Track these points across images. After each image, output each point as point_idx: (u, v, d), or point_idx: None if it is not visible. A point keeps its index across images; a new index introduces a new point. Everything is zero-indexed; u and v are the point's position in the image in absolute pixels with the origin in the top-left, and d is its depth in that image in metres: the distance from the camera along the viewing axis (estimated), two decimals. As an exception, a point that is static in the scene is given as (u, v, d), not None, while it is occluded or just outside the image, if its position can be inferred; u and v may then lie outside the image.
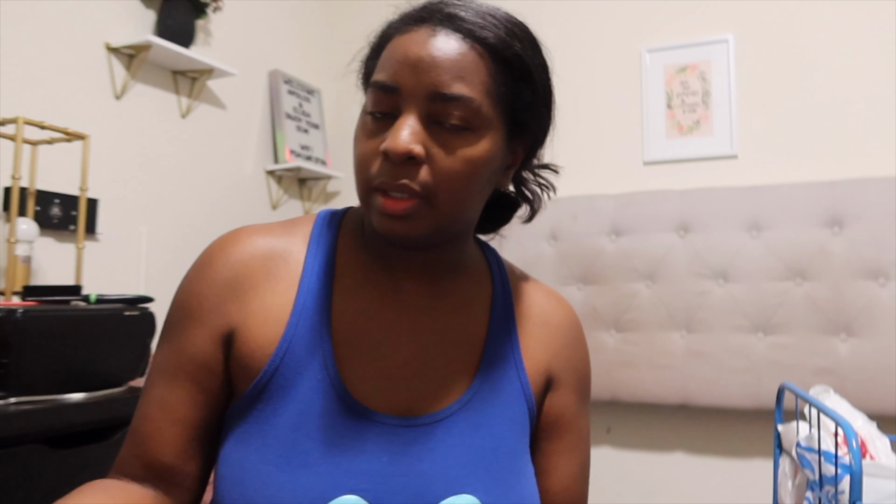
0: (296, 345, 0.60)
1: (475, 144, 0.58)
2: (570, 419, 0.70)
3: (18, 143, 1.47)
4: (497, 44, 0.58)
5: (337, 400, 0.59)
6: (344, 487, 0.56)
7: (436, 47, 0.56)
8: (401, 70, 0.57)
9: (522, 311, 0.70)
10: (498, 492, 0.60)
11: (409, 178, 0.56)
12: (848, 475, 0.84)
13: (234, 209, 2.34)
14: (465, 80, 0.56)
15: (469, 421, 0.62)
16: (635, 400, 2.15)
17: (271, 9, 2.55)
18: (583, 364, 0.73)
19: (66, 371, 1.23)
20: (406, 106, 0.57)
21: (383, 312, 0.64)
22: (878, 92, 2.06)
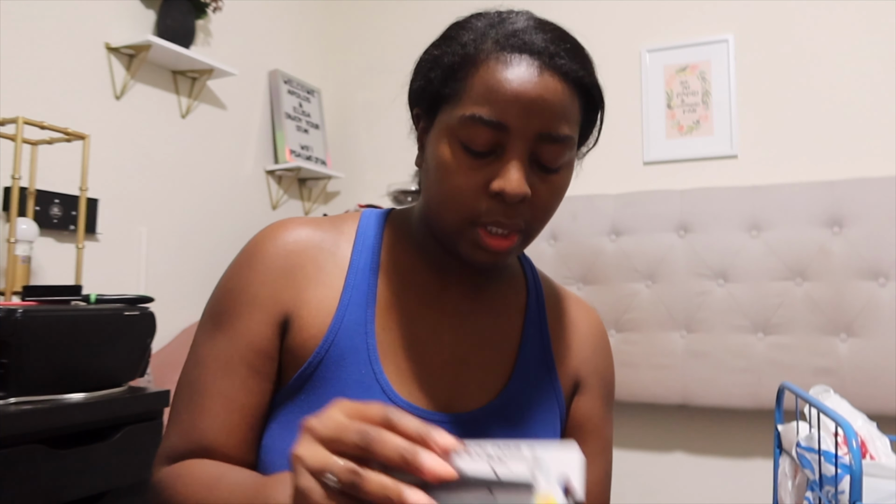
0: (341, 338, 0.62)
1: (566, 177, 0.61)
2: (597, 424, 0.72)
3: (18, 143, 1.47)
4: (585, 80, 0.59)
5: (380, 393, 0.61)
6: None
7: (545, 88, 0.56)
8: (511, 109, 0.56)
9: (554, 317, 0.72)
10: None
11: (520, 215, 0.58)
12: (848, 475, 0.84)
13: (234, 209, 2.34)
14: (568, 121, 0.58)
15: (506, 419, 0.64)
16: (635, 400, 2.15)
17: (271, 9, 2.55)
18: (608, 372, 0.75)
19: (66, 371, 1.23)
20: (514, 145, 0.57)
21: (426, 312, 0.65)
22: (878, 92, 2.06)
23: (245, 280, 0.63)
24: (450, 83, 0.59)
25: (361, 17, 2.81)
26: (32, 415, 1.13)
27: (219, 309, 0.64)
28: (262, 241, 0.65)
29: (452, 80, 0.59)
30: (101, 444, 1.25)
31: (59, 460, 1.16)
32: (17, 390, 1.15)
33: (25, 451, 1.11)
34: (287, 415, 0.61)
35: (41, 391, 1.19)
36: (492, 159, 0.57)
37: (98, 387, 1.28)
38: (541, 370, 0.68)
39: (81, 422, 1.22)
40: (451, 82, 0.59)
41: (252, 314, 0.62)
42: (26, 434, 1.12)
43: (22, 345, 1.15)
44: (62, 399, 1.21)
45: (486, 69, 0.57)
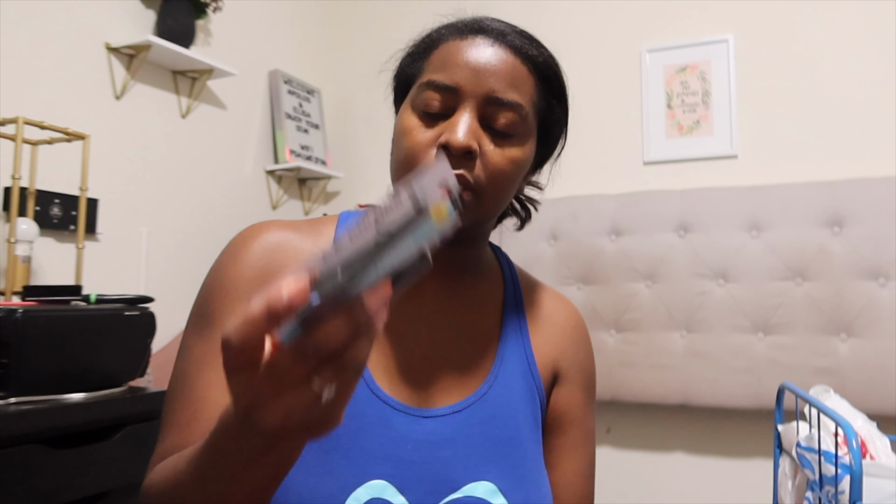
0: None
1: (518, 148, 0.63)
2: (577, 416, 0.73)
3: (18, 143, 1.47)
4: (542, 62, 0.65)
5: (364, 388, 0.62)
6: (372, 472, 0.59)
7: (495, 56, 0.62)
8: (461, 72, 0.61)
9: (531, 310, 0.73)
10: (513, 479, 0.63)
11: (465, 169, 0.60)
12: (848, 475, 0.84)
13: (234, 209, 2.34)
14: (518, 90, 0.62)
15: (486, 412, 0.65)
16: (635, 400, 2.15)
17: (271, 9, 2.55)
18: (588, 363, 0.76)
19: (66, 371, 1.23)
20: (463, 105, 0.61)
21: (404, 307, 0.66)
22: (878, 92, 2.06)
23: (228, 277, 0.64)
24: (414, 64, 0.66)
25: (361, 17, 2.81)
26: (32, 415, 1.13)
27: (204, 308, 0.64)
28: (243, 240, 0.66)
29: (417, 61, 0.66)
30: (101, 444, 1.25)
31: (59, 460, 1.16)
32: (17, 390, 1.15)
33: (25, 451, 1.11)
34: None
35: (41, 391, 1.19)
36: (440, 122, 0.62)
37: (98, 387, 1.28)
38: (520, 362, 0.69)
39: (81, 422, 1.22)
40: (415, 63, 0.66)
41: (237, 309, 0.62)
42: (26, 434, 1.12)
43: (22, 345, 1.15)
44: (62, 399, 1.21)
45: (445, 46, 0.64)
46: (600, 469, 2.54)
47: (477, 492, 0.61)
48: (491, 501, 0.61)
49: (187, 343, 0.64)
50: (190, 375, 0.62)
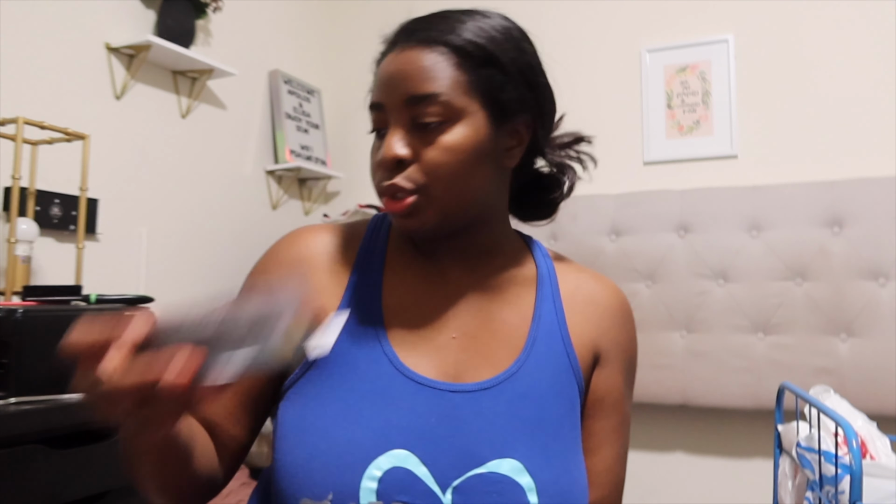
0: (350, 319, 0.67)
1: (454, 132, 0.63)
2: (617, 399, 0.72)
3: (18, 143, 1.47)
4: (453, 39, 0.64)
5: (388, 365, 0.64)
6: (395, 442, 0.60)
7: (402, 61, 0.65)
8: (380, 89, 0.66)
9: (569, 291, 0.74)
10: (541, 459, 0.63)
11: (400, 178, 0.63)
12: (848, 475, 0.84)
13: (234, 209, 2.34)
14: (431, 79, 0.63)
15: (516, 391, 0.65)
16: (635, 400, 2.13)
17: (271, 9, 2.55)
18: (631, 346, 0.75)
19: (67, 371, 1.22)
20: (391, 118, 0.65)
21: (431, 294, 0.70)
22: (878, 92, 2.06)
23: (259, 273, 0.71)
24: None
25: (361, 17, 2.81)
26: (32, 415, 1.13)
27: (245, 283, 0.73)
28: (281, 241, 0.73)
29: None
30: (101, 444, 1.24)
31: (59, 460, 1.16)
32: (17, 390, 1.15)
33: (25, 451, 1.11)
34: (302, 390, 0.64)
35: (41, 391, 1.19)
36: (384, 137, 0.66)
37: (98, 387, 1.28)
38: (555, 343, 0.69)
39: (81, 422, 1.21)
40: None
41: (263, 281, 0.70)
42: (26, 434, 1.12)
43: (22, 345, 1.15)
44: (62, 399, 1.20)
45: (378, 68, 0.69)
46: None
47: (502, 468, 0.61)
48: (515, 479, 0.61)
49: None
50: None
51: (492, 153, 0.66)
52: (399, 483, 0.59)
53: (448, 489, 0.60)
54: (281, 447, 0.63)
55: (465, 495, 0.60)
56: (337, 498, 0.58)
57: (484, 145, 0.65)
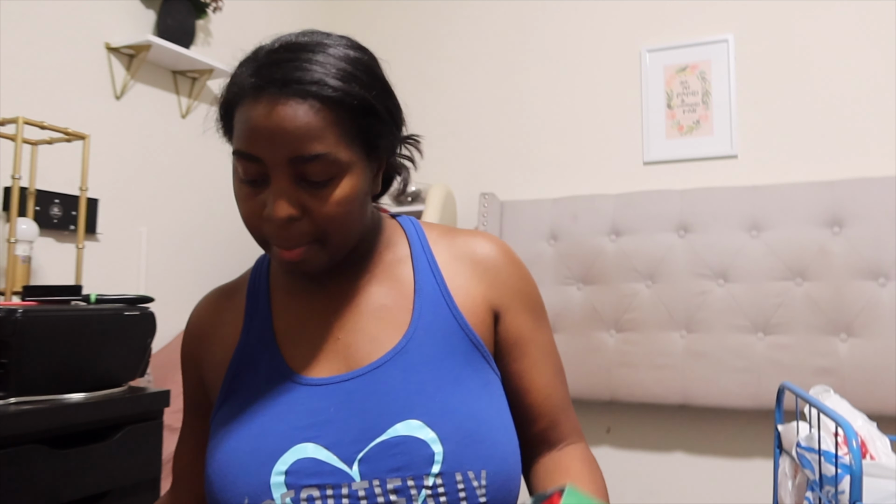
0: (247, 353, 0.73)
1: (343, 186, 0.64)
2: (529, 336, 0.77)
3: (18, 143, 1.47)
4: (335, 95, 0.62)
5: (284, 380, 0.69)
6: (296, 439, 0.65)
7: (282, 118, 0.61)
8: (258, 143, 0.62)
9: (446, 258, 0.76)
10: (441, 413, 0.66)
11: (296, 234, 0.65)
12: (848, 475, 0.84)
13: (234, 209, 2.33)
14: (317, 139, 0.62)
15: (407, 362, 0.69)
16: (635, 400, 2.15)
17: (271, 9, 2.55)
18: (524, 284, 0.79)
19: (66, 371, 1.23)
20: (273, 174, 0.63)
21: (316, 309, 0.74)
22: (878, 92, 2.06)
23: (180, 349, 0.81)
24: (226, 124, 0.69)
25: (361, 18, 2.81)
26: (32, 415, 1.13)
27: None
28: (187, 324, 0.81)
29: (226, 118, 0.68)
30: (101, 444, 1.25)
31: (59, 460, 1.16)
32: (17, 390, 1.15)
33: (25, 451, 1.11)
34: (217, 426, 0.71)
35: (41, 391, 1.19)
36: (265, 187, 0.64)
37: (98, 387, 1.28)
38: (440, 310, 0.72)
39: (81, 422, 1.22)
40: (226, 121, 0.68)
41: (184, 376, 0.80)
42: (26, 434, 1.12)
43: (22, 345, 1.15)
44: (62, 399, 1.21)
45: (240, 110, 0.64)
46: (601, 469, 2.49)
47: (401, 430, 0.64)
48: (416, 436, 0.64)
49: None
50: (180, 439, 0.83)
51: (368, 190, 0.70)
52: (305, 470, 0.63)
53: (354, 462, 0.64)
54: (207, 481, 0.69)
55: (371, 463, 0.64)
56: (252, 500, 0.63)
57: (365, 188, 0.68)
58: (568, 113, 2.45)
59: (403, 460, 0.63)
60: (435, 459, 0.64)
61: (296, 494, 0.62)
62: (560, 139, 2.45)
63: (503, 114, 2.54)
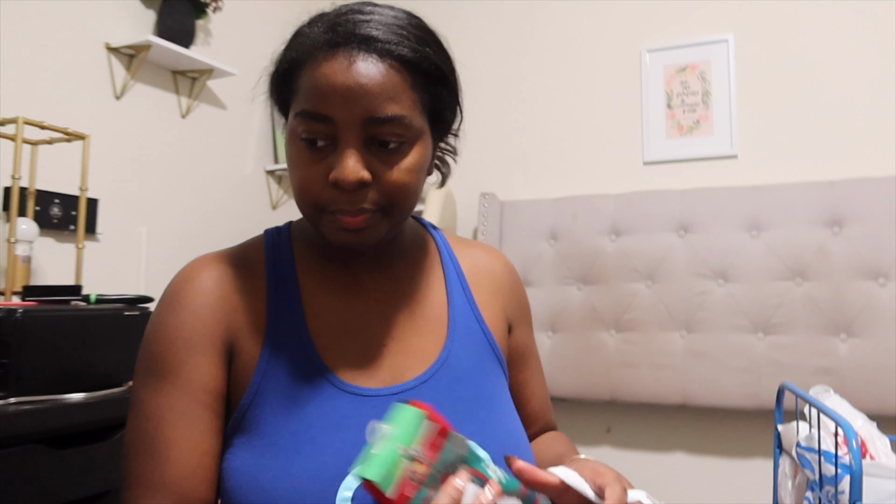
0: (278, 347, 0.65)
1: (413, 154, 0.62)
2: (530, 349, 0.82)
3: (18, 143, 1.47)
4: (414, 57, 0.61)
5: (327, 386, 0.64)
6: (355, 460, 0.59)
7: (361, 74, 0.59)
8: (331, 101, 0.59)
9: (469, 269, 0.78)
10: (487, 431, 0.67)
11: (362, 201, 0.61)
12: (848, 475, 0.84)
13: (234, 209, 2.34)
14: (394, 100, 0.60)
15: (450, 376, 0.69)
16: (635, 400, 2.15)
17: (271, 9, 2.55)
18: (524, 299, 0.84)
19: (66, 371, 1.23)
20: (343, 135, 0.60)
21: (352, 307, 0.70)
22: (878, 92, 2.06)
23: (173, 327, 0.64)
24: (285, 88, 0.64)
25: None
26: (32, 415, 1.13)
27: (158, 359, 0.64)
28: (181, 285, 0.67)
29: (286, 84, 0.64)
30: (101, 444, 1.25)
31: (59, 460, 1.16)
32: (17, 390, 1.15)
33: (25, 451, 1.11)
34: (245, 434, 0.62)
35: (41, 391, 1.19)
36: (330, 150, 0.61)
37: (98, 387, 1.28)
38: (470, 323, 0.74)
39: (81, 422, 1.22)
40: (286, 87, 0.64)
41: (197, 358, 0.63)
42: (26, 434, 1.12)
43: (22, 345, 1.15)
44: (62, 399, 1.21)
45: (309, 68, 0.61)
46: (600, 469, 2.48)
47: None
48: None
49: (140, 396, 0.64)
50: (147, 433, 0.62)
51: (429, 166, 0.69)
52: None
53: None
54: (235, 496, 0.61)
55: None
56: None
57: (428, 161, 0.66)
58: (568, 113, 2.45)
59: None
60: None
61: None
62: (560, 139, 2.45)
63: (503, 114, 2.54)
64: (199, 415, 0.62)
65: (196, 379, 0.63)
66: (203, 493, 0.61)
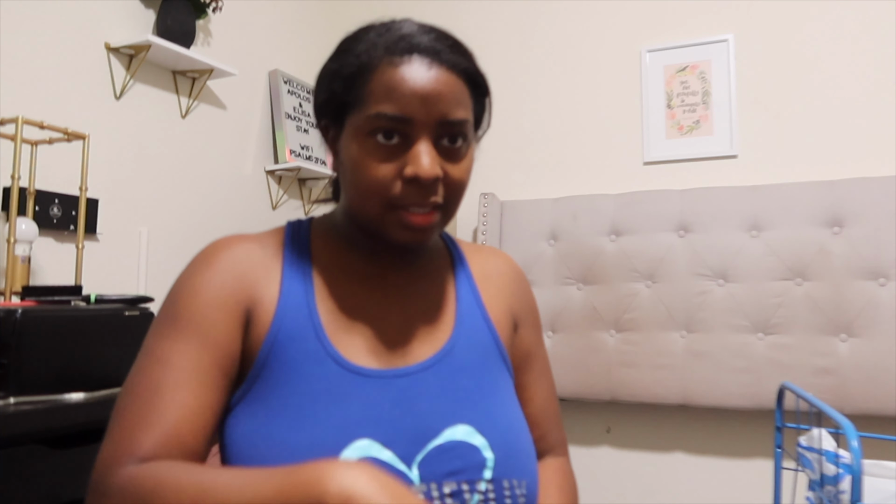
0: (287, 320, 0.68)
1: (469, 156, 0.70)
2: (536, 350, 0.84)
3: (18, 143, 1.47)
4: (472, 70, 0.69)
5: (333, 364, 0.67)
6: (355, 434, 0.63)
7: (438, 80, 0.65)
8: (410, 102, 0.64)
9: (477, 270, 0.82)
10: (488, 419, 0.69)
11: (435, 195, 0.67)
12: (848, 475, 0.84)
13: (234, 209, 2.34)
14: (462, 105, 0.67)
15: (453, 366, 0.72)
16: (635, 400, 2.15)
17: (271, 9, 2.55)
18: (532, 302, 0.87)
19: (66, 371, 1.23)
20: (419, 134, 0.65)
21: (368, 293, 0.73)
22: (878, 92, 2.06)
23: (204, 283, 0.67)
24: (352, 91, 0.67)
25: (361, 18, 2.80)
26: (32, 415, 1.13)
27: (179, 312, 0.66)
28: (216, 250, 0.71)
29: (353, 88, 0.67)
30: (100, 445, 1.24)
31: (59, 460, 1.16)
32: (17, 390, 1.15)
33: (25, 451, 1.11)
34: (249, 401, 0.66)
35: (41, 391, 1.19)
36: (401, 149, 0.66)
37: (98, 387, 1.28)
38: (476, 319, 0.77)
39: (81, 422, 1.21)
40: (353, 90, 0.67)
41: (219, 317, 0.66)
42: (26, 434, 1.12)
43: (22, 345, 1.15)
44: (62, 399, 1.21)
45: (383, 72, 0.65)
46: (600, 469, 2.53)
47: (456, 434, 0.67)
48: (470, 441, 0.67)
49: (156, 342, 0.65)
50: (156, 375, 0.62)
51: None
52: None
53: (413, 464, 0.64)
54: (238, 462, 0.63)
55: (429, 466, 0.65)
56: None
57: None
58: (568, 113, 2.45)
59: (459, 465, 0.65)
60: (487, 465, 0.66)
61: None
62: (560, 139, 2.45)
63: (503, 114, 2.54)
64: (208, 369, 0.63)
65: (214, 335, 0.65)
66: (195, 441, 0.60)
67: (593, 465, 2.27)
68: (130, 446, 0.58)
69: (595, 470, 2.27)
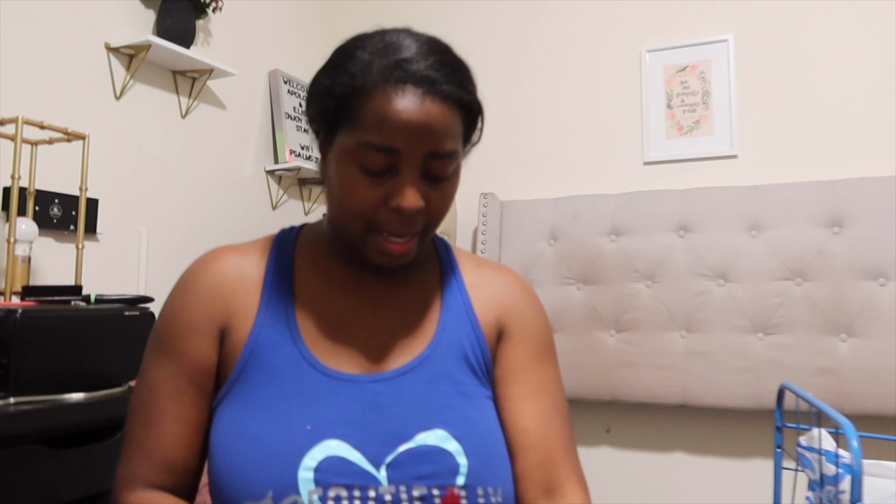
0: (266, 328, 0.70)
1: (453, 182, 0.70)
2: (527, 367, 0.76)
3: (18, 143, 1.47)
4: (464, 98, 0.67)
5: (308, 368, 0.69)
6: (324, 434, 0.65)
7: (429, 113, 0.64)
8: (401, 135, 0.63)
9: (472, 281, 0.80)
10: (462, 425, 0.68)
11: (416, 225, 0.68)
12: (848, 475, 0.84)
13: (234, 209, 2.34)
14: (452, 137, 0.66)
15: (431, 371, 0.71)
16: (635, 400, 2.15)
17: (271, 9, 2.55)
18: (537, 320, 0.80)
19: (66, 371, 1.23)
20: (406, 165, 0.65)
21: (347, 299, 0.74)
22: (878, 92, 2.06)
23: (181, 307, 0.72)
24: (343, 112, 0.66)
25: (361, 19, 2.81)
26: (32, 415, 1.13)
27: (162, 336, 0.73)
28: (194, 271, 0.74)
29: (345, 109, 0.66)
30: (101, 444, 1.24)
31: (59, 460, 1.16)
32: (17, 390, 1.15)
33: (25, 451, 1.11)
34: (230, 406, 0.68)
35: (41, 391, 1.19)
36: (387, 178, 0.66)
37: (98, 387, 1.28)
38: (464, 327, 0.75)
39: (81, 422, 1.21)
40: (345, 111, 0.66)
41: (192, 337, 0.71)
42: (26, 434, 1.12)
43: (22, 345, 1.15)
44: (62, 399, 1.21)
45: (375, 100, 0.64)
46: (600, 469, 2.52)
47: (429, 440, 0.66)
48: (443, 446, 0.66)
49: (146, 367, 0.73)
50: (146, 402, 0.71)
51: None
52: (335, 469, 0.63)
53: (382, 466, 0.64)
54: (214, 459, 0.67)
55: (399, 468, 0.64)
56: (276, 494, 0.62)
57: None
58: (568, 113, 2.45)
59: (431, 469, 0.65)
60: (460, 471, 0.66)
61: (323, 492, 0.62)
62: (560, 139, 2.45)
63: (503, 113, 2.54)
64: (186, 389, 0.70)
65: (189, 357, 0.70)
66: (185, 460, 0.70)
67: (593, 466, 2.27)
68: (135, 472, 0.70)
69: (595, 470, 2.27)
